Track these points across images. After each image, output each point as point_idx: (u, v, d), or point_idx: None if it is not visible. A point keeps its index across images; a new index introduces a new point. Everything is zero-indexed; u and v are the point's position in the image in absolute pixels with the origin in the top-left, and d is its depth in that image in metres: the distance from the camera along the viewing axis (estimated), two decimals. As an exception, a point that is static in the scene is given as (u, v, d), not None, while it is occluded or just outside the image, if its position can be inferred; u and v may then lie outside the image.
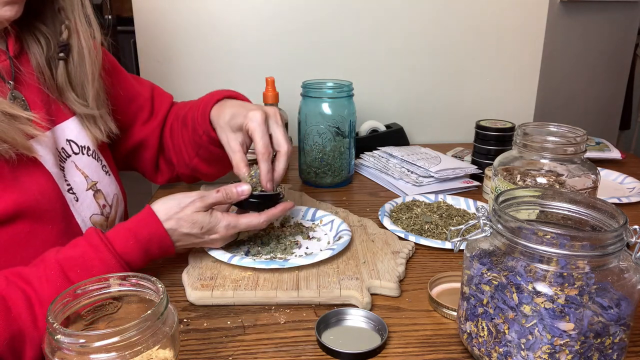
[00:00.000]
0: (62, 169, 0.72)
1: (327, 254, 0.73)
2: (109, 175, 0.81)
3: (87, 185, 0.75)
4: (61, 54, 0.72)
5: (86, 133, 0.77)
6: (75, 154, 0.75)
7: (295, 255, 0.76)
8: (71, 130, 0.75)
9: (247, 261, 0.71)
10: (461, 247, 0.58)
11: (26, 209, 0.64)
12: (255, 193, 0.75)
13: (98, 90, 0.77)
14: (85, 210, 0.74)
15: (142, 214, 0.68)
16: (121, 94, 0.86)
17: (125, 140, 0.90)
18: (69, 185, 0.72)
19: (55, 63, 0.73)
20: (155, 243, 0.67)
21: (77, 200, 0.73)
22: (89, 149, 0.77)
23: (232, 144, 0.79)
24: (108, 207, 0.79)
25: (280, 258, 0.75)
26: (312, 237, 0.82)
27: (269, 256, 0.76)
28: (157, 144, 0.93)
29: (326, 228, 0.86)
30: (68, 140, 0.75)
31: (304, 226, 0.86)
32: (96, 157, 0.79)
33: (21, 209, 0.63)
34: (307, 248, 0.79)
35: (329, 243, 0.81)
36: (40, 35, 0.72)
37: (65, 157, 0.73)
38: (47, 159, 0.69)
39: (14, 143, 0.62)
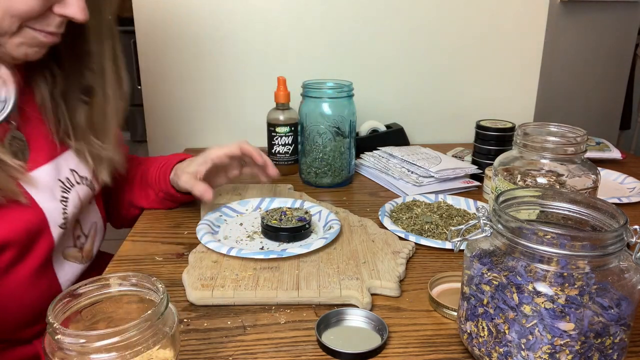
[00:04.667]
0: (65, 200, 0.72)
1: (322, 242, 0.77)
2: (92, 203, 0.82)
3: (77, 215, 0.76)
4: (83, 97, 0.73)
5: (85, 164, 0.77)
6: (78, 184, 0.75)
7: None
8: (73, 160, 0.75)
9: (246, 252, 0.74)
10: (461, 247, 0.57)
11: (6, 245, 0.64)
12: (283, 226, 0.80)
13: (116, 134, 0.79)
14: (63, 243, 0.74)
15: None
16: None
17: None
18: (65, 219, 0.72)
19: (68, 105, 0.73)
20: None
21: (64, 235, 0.73)
22: (86, 179, 0.78)
23: (190, 182, 0.83)
24: (83, 237, 0.79)
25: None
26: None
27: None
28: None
29: (315, 218, 0.88)
30: (72, 170, 0.75)
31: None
32: (91, 186, 0.79)
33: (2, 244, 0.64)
34: (302, 240, 0.81)
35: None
36: (47, 71, 0.72)
37: (69, 186, 0.73)
38: (42, 194, 0.69)
39: (1, 188, 0.62)
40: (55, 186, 0.71)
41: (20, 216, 0.66)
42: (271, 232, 0.81)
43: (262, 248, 0.78)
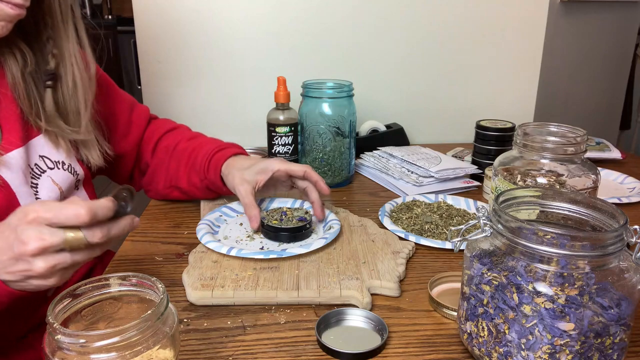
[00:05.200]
0: (35, 186, 0.71)
1: (322, 242, 0.77)
2: (79, 189, 0.81)
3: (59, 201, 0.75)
4: (48, 82, 0.72)
5: (57, 149, 0.76)
6: (51, 169, 0.75)
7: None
8: (42, 146, 0.75)
9: (246, 252, 0.74)
10: (461, 247, 0.57)
11: None
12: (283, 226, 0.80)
13: (91, 117, 0.78)
14: None
15: None
16: (101, 110, 0.85)
17: None
18: None
19: (38, 86, 0.73)
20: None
21: None
22: (63, 163, 0.77)
23: (247, 198, 0.83)
24: None
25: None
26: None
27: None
28: (135, 158, 0.95)
29: (315, 218, 0.88)
30: (41, 156, 0.74)
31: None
32: (72, 171, 0.78)
33: None
34: (302, 241, 0.81)
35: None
36: (16, 50, 0.72)
37: (39, 172, 0.73)
38: (15, 177, 0.68)
39: None
40: (27, 171, 0.71)
41: None
42: (271, 232, 0.81)
43: (262, 248, 0.78)
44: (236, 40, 1.32)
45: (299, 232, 0.80)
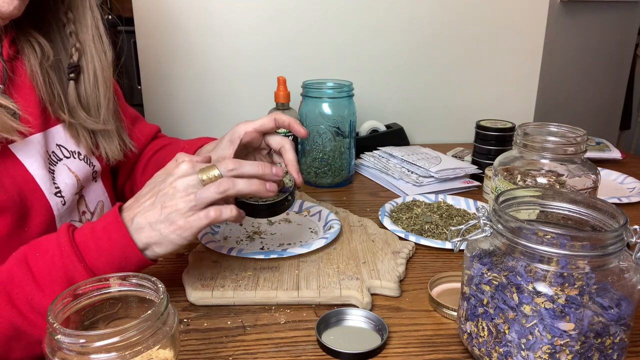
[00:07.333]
0: (52, 171, 0.72)
1: (322, 242, 0.77)
2: (97, 181, 0.81)
3: (77, 188, 0.76)
4: (71, 75, 0.74)
5: (74, 140, 0.77)
6: (67, 157, 0.75)
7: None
8: (60, 136, 0.75)
9: (246, 252, 0.74)
10: (461, 247, 0.58)
11: (3, 209, 0.64)
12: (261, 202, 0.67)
13: (112, 106, 0.79)
14: (67, 216, 0.74)
15: (115, 233, 0.59)
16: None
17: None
18: (57, 188, 0.72)
19: (61, 79, 0.74)
20: (132, 264, 0.60)
21: (64, 204, 0.73)
22: (79, 154, 0.77)
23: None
24: (89, 213, 0.79)
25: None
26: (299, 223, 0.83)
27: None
28: (128, 173, 0.94)
29: (314, 218, 0.88)
30: (58, 145, 0.75)
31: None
32: (88, 162, 0.79)
33: None
34: (301, 241, 0.81)
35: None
36: (34, 42, 0.72)
37: (56, 160, 0.74)
38: (33, 161, 0.69)
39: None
40: (45, 156, 0.71)
41: (11, 180, 0.66)
42: (247, 209, 0.67)
43: (262, 248, 0.78)
44: (236, 40, 1.32)
45: (281, 206, 0.68)
